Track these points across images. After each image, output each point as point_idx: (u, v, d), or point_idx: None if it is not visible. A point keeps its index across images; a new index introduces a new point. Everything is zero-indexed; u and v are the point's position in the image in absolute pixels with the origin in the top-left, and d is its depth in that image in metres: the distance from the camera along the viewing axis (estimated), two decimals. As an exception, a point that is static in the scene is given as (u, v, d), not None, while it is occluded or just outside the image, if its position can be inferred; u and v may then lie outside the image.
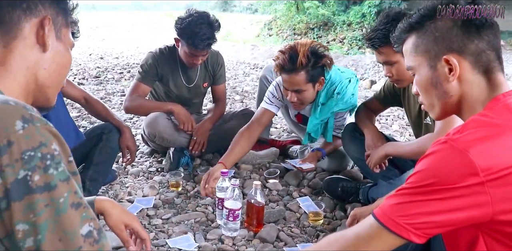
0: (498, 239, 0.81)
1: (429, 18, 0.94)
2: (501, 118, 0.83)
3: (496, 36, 0.92)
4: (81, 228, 0.66)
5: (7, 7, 0.79)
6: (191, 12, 2.35)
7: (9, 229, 0.62)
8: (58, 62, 0.87)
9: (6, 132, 0.63)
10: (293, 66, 2.00)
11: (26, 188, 0.62)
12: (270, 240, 1.70)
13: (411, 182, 0.83)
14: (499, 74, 0.91)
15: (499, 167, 0.76)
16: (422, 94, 0.99)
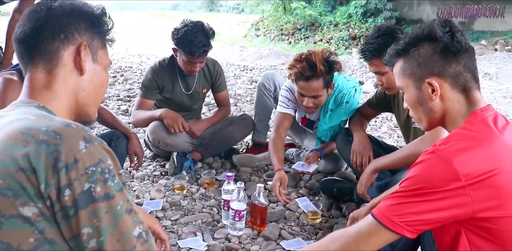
0: (477, 233, 0.96)
1: (413, 46, 1.09)
2: (479, 131, 0.98)
3: (472, 59, 1.06)
4: (134, 230, 0.79)
5: (47, 39, 0.91)
6: (186, 22, 2.48)
7: (75, 232, 0.74)
8: (95, 83, 0.99)
9: (73, 151, 0.75)
10: (313, 73, 2.14)
11: (91, 198, 0.75)
12: (273, 238, 1.84)
13: (404, 186, 0.98)
14: (476, 92, 1.06)
15: (478, 173, 0.91)
16: (411, 110, 1.14)
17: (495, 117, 1.01)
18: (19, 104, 0.89)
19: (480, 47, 10.67)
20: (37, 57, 0.92)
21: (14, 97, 1.69)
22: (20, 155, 0.73)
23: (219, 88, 2.79)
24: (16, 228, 0.71)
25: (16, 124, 0.78)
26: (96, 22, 0.98)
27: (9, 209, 0.71)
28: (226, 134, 2.65)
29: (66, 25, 0.92)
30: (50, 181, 0.72)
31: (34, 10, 0.92)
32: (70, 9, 0.93)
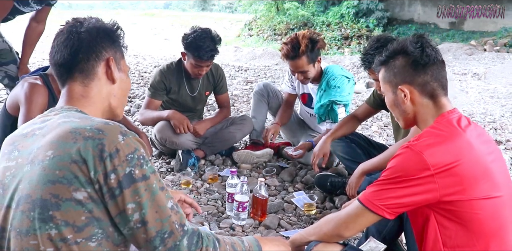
0: (443, 215, 1.16)
1: (391, 58, 1.30)
2: (445, 129, 1.19)
3: (440, 71, 1.27)
4: (167, 203, 0.98)
5: (83, 60, 1.10)
6: (195, 28, 2.67)
7: (121, 208, 0.93)
8: (123, 88, 1.20)
9: (114, 143, 0.94)
10: (296, 53, 2.53)
11: (132, 179, 0.93)
12: (273, 227, 2.05)
13: (384, 175, 1.19)
14: (443, 98, 1.27)
15: (443, 163, 1.11)
16: (391, 111, 1.37)
17: (459, 119, 1.22)
18: (60, 110, 1.08)
19: (469, 48, 10.89)
20: (76, 75, 1.11)
21: (39, 100, 1.90)
22: (72, 150, 0.92)
23: (220, 90, 2.98)
24: (71, 208, 0.90)
25: (64, 126, 0.97)
26: (115, 37, 1.17)
27: (65, 194, 0.90)
28: (227, 134, 2.85)
29: (95, 46, 1.11)
30: (98, 168, 0.91)
31: (67, 37, 1.10)
32: (96, 32, 1.12)
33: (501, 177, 1.18)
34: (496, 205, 1.14)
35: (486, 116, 4.68)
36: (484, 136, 1.26)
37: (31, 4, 2.33)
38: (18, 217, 0.92)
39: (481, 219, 1.13)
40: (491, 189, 1.14)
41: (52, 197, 0.89)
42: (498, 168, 1.20)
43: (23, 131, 1.06)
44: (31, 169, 0.94)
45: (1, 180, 0.99)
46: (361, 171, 2.05)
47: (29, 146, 0.99)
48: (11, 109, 1.99)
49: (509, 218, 1.18)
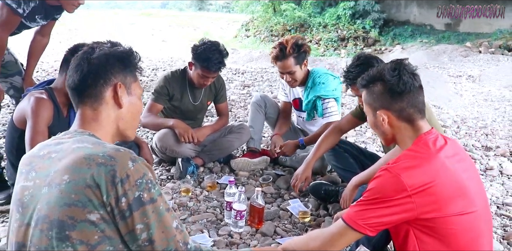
0: (421, 230, 1.26)
1: (371, 83, 1.41)
2: (421, 151, 1.30)
3: (416, 97, 1.36)
4: (173, 223, 1.08)
5: (91, 86, 1.19)
6: (204, 41, 2.78)
7: (131, 228, 1.02)
8: (132, 112, 1.27)
9: (124, 169, 1.03)
10: (283, 54, 2.75)
11: (141, 202, 1.03)
12: (269, 234, 2.14)
13: (365, 196, 1.29)
14: (420, 121, 1.37)
15: (419, 184, 1.22)
16: (372, 130, 1.46)
17: (435, 140, 1.33)
18: (74, 134, 1.17)
19: (465, 49, 10.97)
20: (85, 99, 1.20)
21: (45, 113, 1.99)
22: (86, 175, 1.01)
23: (220, 99, 3.09)
24: (85, 229, 1.00)
25: (79, 152, 1.06)
26: (127, 63, 1.24)
27: (80, 216, 1.00)
28: (226, 142, 2.95)
29: (104, 72, 1.19)
30: (110, 193, 1.00)
31: (78, 64, 1.19)
32: (105, 59, 1.19)
33: (475, 192, 1.29)
34: (471, 219, 1.25)
35: (478, 121, 4.78)
36: (460, 154, 1.36)
37: (37, 20, 2.42)
38: (37, 235, 1.02)
39: (456, 234, 1.23)
40: (466, 205, 1.24)
41: (68, 218, 0.99)
42: (473, 184, 1.30)
43: (39, 152, 1.14)
44: (49, 191, 1.03)
45: (20, 199, 1.09)
46: (354, 184, 2.12)
47: (46, 168, 1.08)
48: (18, 123, 2.07)
49: (484, 229, 1.29)
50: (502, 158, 3.44)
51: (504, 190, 2.82)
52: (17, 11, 2.21)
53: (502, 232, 2.25)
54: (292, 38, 2.80)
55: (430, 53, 10.84)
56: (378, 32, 13.32)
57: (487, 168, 3.18)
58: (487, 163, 3.28)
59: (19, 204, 1.08)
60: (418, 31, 13.06)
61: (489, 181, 2.98)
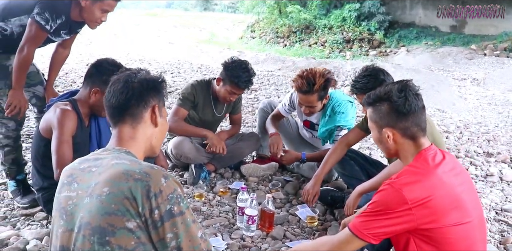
0: (421, 239, 1.40)
1: (378, 102, 1.53)
2: (421, 167, 1.43)
3: (420, 116, 1.50)
4: (198, 234, 1.21)
5: (134, 106, 1.35)
6: (233, 59, 2.93)
7: (161, 236, 1.16)
8: (162, 131, 1.45)
9: (158, 185, 1.17)
10: (309, 89, 2.67)
11: (171, 214, 1.16)
12: (279, 238, 2.28)
13: (370, 208, 1.43)
14: (421, 138, 1.51)
15: (419, 198, 1.35)
16: (376, 144, 1.59)
17: (434, 155, 1.47)
18: (112, 150, 1.32)
19: (470, 52, 10.98)
20: (126, 117, 1.35)
21: (70, 124, 2.14)
22: (124, 188, 1.15)
23: (236, 111, 3.24)
24: (123, 235, 1.14)
25: (117, 167, 1.21)
26: (160, 89, 1.42)
27: (119, 223, 1.13)
28: (237, 149, 3.09)
29: (145, 95, 1.37)
30: (145, 205, 1.14)
31: (123, 86, 1.35)
32: (146, 84, 1.37)
33: (471, 204, 1.42)
34: (466, 229, 1.38)
35: (481, 126, 4.89)
36: (456, 168, 1.50)
37: (62, 35, 2.56)
38: (80, 240, 1.15)
39: (453, 242, 1.36)
40: (462, 216, 1.38)
41: (108, 225, 1.13)
42: (468, 196, 1.44)
43: (80, 165, 1.29)
44: (90, 201, 1.17)
45: (64, 207, 1.23)
46: (358, 193, 2.24)
47: (87, 180, 1.22)
48: (44, 132, 2.21)
49: (478, 237, 1.43)
50: (502, 164, 3.55)
51: (503, 196, 2.94)
52: (45, 28, 2.35)
53: (499, 237, 2.38)
54: (323, 74, 2.68)
55: (435, 56, 10.86)
56: (383, 34, 13.34)
57: (487, 174, 3.30)
58: (487, 169, 3.40)
59: (63, 212, 1.22)
60: (423, 33, 13.07)
61: (489, 187, 3.10)
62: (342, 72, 8.74)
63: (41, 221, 2.39)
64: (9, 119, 2.56)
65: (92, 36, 12.92)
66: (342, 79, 7.96)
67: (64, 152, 2.04)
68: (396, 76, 8.03)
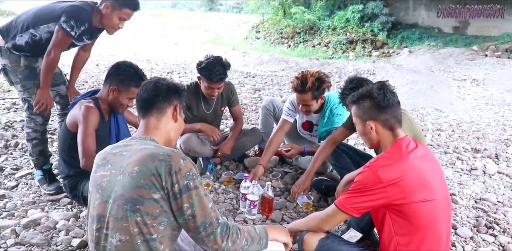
0: (395, 213, 1.67)
1: (361, 99, 1.82)
2: (396, 153, 1.71)
3: (396, 109, 1.78)
4: (209, 205, 1.49)
5: (161, 101, 1.66)
6: (208, 56, 3.18)
7: (180, 206, 1.44)
8: (179, 127, 1.75)
9: (177, 164, 1.45)
10: (303, 89, 2.92)
11: (188, 188, 1.44)
12: (278, 221, 2.57)
13: (352, 187, 1.71)
14: (398, 129, 1.78)
15: (392, 178, 1.63)
16: (361, 137, 1.87)
17: (407, 144, 1.75)
18: (139, 138, 1.61)
19: (471, 53, 11.10)
20: (153, 109, 1.66)
21: (93, 119, 2.44)
22: (151, 167, 1.43)
23: (233, 103, 3.51)
24: (150, 204, 1.42)
25: (145, 151, 1.49)
26: (181, 93, 1.74)
27: (147, 195, 1.42)
28: (240, 144, 3.39)
29: (170, 94, 1.69)
30: (168, 180, 1.43)
31: (155, 85, 1.68)
32: (172, 87, 1.71)
33: (436, 185, 1.70)
34: (431, 206, 1.66)
35: (473, 125, 5.13)
36: (427, 155, 1.78)
37: (84, 40, 2.86)
38: (115, 209, 1.44)
39: (419, 216, 1.65)
40: (427, 194, 1.66)
41: (138, 196, 1.41)
42: (435, 179, 1.72)
43: (112, 151, 1.58)
44: (123, 178, 1.46)
45: (100, 184, 1.52)
46: (346, 181, 2.47)
47: (120, 162, 1.51)
48: (70, 127, 2.50)
49: (441, 214, 1.70)
50: (487, 159, 3.81)
51: (484, 188, 3.20)
52: (70, 34, 2.65)
53: (474, 222, 2.65)
54: (314, 74, 2.92)
55: (436, 57, 11.01)
56: (386, 35, 13.44)
57: (472, 168, 3.57)
58: (473, 163, 3.67)
59: (99, 188, 1.52)
60: (426, 34, 13.14)
61: (472, 179, 3.37)
62: (344, 72, 8.96)
63: (66, 205, 2.69)
64: (37, 115, 2.86)
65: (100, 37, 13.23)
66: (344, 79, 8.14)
67: (89, 144, 2.33)
68: (397, 76, 8.34)
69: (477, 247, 2.35)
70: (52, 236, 2.31)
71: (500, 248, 2.37)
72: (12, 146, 3.72)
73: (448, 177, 3.37)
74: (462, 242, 2.39)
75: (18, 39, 2.72)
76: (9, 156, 3.49)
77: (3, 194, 2.79)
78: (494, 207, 2.87)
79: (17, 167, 3.26)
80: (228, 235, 1.50)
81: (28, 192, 2.87)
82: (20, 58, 2.78)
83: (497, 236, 2.46)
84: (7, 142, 3.79)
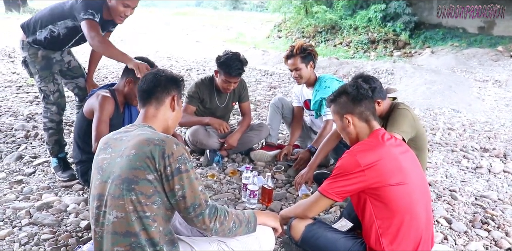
0: (374, 197, 1.76)
1: (338, 97, 1.94)
2: (372, 141, 1.82)
3: (370, 103, 1.90)
4: (199, 188, 1.60)
5: (160, 92, 1.78)
6: (227, 51, 3.32)
7: (172, 187, 1.55)
8: (177, 116, 1.86)
9: (170, 149, 1.56)
10: (291, 54, 3.30)
11: (179, 171, 1.56)
12: (276, 211, 2.65)
13: (333, 172, 1.81)
14: (373, 121, 1.90)
15: (369, 162, 1.72)
16: (341, 134, 1.99)
17: (383, 134, 1.86)
18: (138, 125, 1.74)
19: (496, 53, 10.91)
20: (152, 99, 1.78)
21: (109, 108, 2.59)
22: (146, 150, 1.55)
23: (243, 99, 3.64)
24: (144, 184, 1.54)
25: (142, 136, 1.62)
26: (179, 84, 1.86)
27: (141, 175, 1.54)
28: (246, 137, 3.50)
29: (168, 85, 1.81)
30: (161, 163, 1.54)
31: (154, 76, 1.80)
32: (170, 78, 1.83)
33: (410, 171, 1.80)
34: (405, 189, 1.75)
35: (486, 125, 5.10)
36: (402, 146, 1.90)
37: None
38: (112, 188, 1.57)
39: (396, 199, 1.74)
40: (401, 178, 1.75)
41: (134, 177, 1.54)
42: (408, 165, 1.81)
43: (113, 136, 1.71)
44: (121, 160, 1.58)
45: (101, 166, 1.65)
46: None
47: (119, 146, 1.64)
48: (87, 114, 2.66)
49: (418, 198, 1.80)
50: (495, 158, 3.82)
51: (487, 186, 3.23)
52: (94, 19, 2.71)
53: (471, 217, 2.69)
54: (301, 42, 3.36)
55: (459, 57, 10.86)
56: (409, 35, 13.33)
57: (477, 167, 3.59)
58: (479, 162, 3.68)
59: (100, 169, 1.65)
60: (450, 35, 12.97)
61: (476, 177, 3.39)
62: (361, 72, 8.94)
63: (78, 191, 2.86)
64: (52, 104, 3.03)
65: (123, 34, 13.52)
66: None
67: (102, 129, 2.48)
68: (415, 76, 8.31)
69: (469, 241, 2.39)
70: (62, 218, 2.47)
71: (493, 243, 2.40)
72: (32, 136, 3.94)
73: (452, 174, 3.40)
74: (455, 236, 2.44)
75: (38, 35, 2.90)
76: (28, 145, 3.70)
77: (21, 179, 2.98)
78: (494, 204, 2.90)
79: (36, 155, 3.46)
80: (216, 217, 1.61)
81: (44, 178, 3.05)
82: (38, 50, 2.95)
83: (491, 231, 2.50)
84: (27, 132, 4.01)
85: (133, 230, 1.54)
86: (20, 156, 3.40)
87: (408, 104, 2.57)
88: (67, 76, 3.17)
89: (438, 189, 3.05)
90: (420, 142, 2.62)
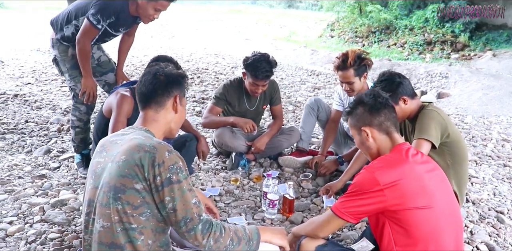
0: (393, 221, 1.54)
1: (354, 109, 1.73)
2: (394, 156, 1.59)
3: (390, 113, 1.68)
4: (192, 200, 1.46)
5: (160, 95, 1.64)
6: (255, 53, 3.15)
7: (161, 199, 1.42)
8: (181, 117, 1.72)
9: (162, 156, 1.43)
10: (344, 65, 2.91)
11: (170, 181, 1.42)
12: (297, 223, 2.47)
13: (348, 190, 1.60)
14: (395, 133, 1.67)
15: (390, 181, 1.50)
16: (360, 149, 1.77)
17: (407, 149, 1.63)
18: (135, 128, 1.62)
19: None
20: (152, 103, 1.64)
21: (127, 107, 2.50)
22: (136, 157, 1.43)
23: (274, 102, 3.46)
24: (132, 194, 1.42)
25: (134, 141, 1.49)
26: (182, 82, 1.71)
27: (129, 184, 1.42)
28: (276, 142, 3.32)
29: (169, 87, 1.66)
30: (150, 172, 1.41)
31: (152, 78, 1.65)
32: (171, 77, 1.67)
33: (437, 193, 1.56)
34: (429, 214, 1.52)
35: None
36: (428, 163, 1.66)
37: (120, 31, 2.97)
38: (101, 195, 1.46)
39: (418, 225, 1.51)
40: (426, 201, 1.52)
41: (121, 185, 1.42)
42: (435, 186, 1.57)
43: (110, 139, 1.61)
44: (111, 165, 1.47)
45: (94, 170, 1.55)
46: None
47: (113, 150, 1.53)
48: (105, 113, 2.60)
49: (444, 226, 1.55)
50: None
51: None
52: (96, 27, 2.75)
53: None
54: (355, 51, 2.95)
55: (525, 61, 10.16)
56: (469, 36, 12.59)
57: None
58: None
59: (93, 173, 1.55)
60: (515, 36, 12.22)
61: None
62: (414, 74, 8.53)
63: (97, 189, 2.80)
64: (81, 104, 3.01)
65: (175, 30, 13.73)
66: (414, 81, 7.78)
67: (118, 130, 2.39)
68: (471, 81, 7.78)
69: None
70: (74, 217, 2.42)
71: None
72: (64, 130, 3.99)
73: (501, 192, 3.05)
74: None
75: (65, 31, 2.88)
76: (59, 139, 3.73)
77: (44, 173, 2.98)
78: (548, 230, 2.55)
79: (63, 150, 3.47)
80: (210, 233, 1.46)
81: (67, 174, 3.04)
82: (68, 48, 2.93)
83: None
84: (61, 126, 4.06)
85: (117, 241, 1.42)
86: (49, 150, 3.43)
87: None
88: (96, 73, 3.15)
89: (482, 209, 2.73)
90: (455, 148, 2.33)
